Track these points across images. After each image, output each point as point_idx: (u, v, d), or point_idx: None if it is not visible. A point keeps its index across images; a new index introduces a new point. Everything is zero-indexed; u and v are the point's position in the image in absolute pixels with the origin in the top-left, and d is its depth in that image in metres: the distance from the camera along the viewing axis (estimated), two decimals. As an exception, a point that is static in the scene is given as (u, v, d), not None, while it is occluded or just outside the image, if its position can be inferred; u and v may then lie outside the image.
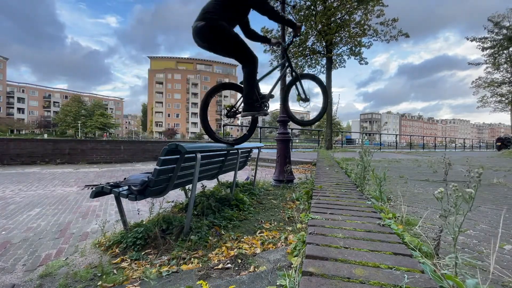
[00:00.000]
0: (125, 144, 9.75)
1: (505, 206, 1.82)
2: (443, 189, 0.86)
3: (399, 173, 3.67)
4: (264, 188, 3.65)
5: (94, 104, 64.77)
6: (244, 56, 2.66)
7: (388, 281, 0.74)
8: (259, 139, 13.56)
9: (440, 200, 0.86)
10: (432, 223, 1.46)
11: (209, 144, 2.33)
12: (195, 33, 2.62)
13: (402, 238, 1.09)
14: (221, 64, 79.29)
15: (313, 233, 1.12)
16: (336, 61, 12.96)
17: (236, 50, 2.64)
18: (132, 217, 2.56)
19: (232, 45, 2.63)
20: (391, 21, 11.69)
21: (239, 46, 2.65)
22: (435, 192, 0.87)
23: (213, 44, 2.66)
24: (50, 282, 1.41)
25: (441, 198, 0.85)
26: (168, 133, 61.00)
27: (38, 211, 2.99)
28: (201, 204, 2.35)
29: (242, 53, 2.66)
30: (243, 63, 2.69)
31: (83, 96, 74.12)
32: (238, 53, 2.66)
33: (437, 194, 0.86)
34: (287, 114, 3.47)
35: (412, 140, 25.58)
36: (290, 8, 11.76)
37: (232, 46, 2.64)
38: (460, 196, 0.80)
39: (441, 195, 0.85)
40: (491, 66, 19.26)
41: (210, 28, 2.51)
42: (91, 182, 5.05)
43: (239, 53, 2.66)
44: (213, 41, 2.62)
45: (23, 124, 62.03)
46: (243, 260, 1.42)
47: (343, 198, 1.80)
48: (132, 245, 1.74)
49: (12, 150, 7.96)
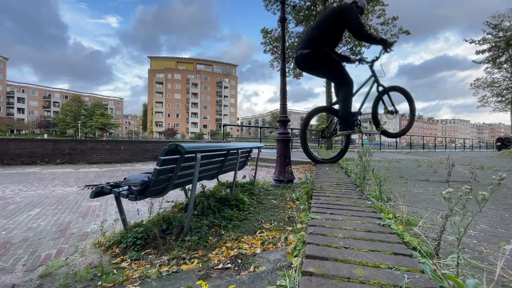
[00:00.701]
0: (125, 144, 9.75)
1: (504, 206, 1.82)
2: (451, 190, 0.86)
3: (399, 173, 3.67)
4: (264, 188, 3.65)
5: (94, 104, 64.80)
6: (342, 78, 3.02)
7: (388, 281, 0.74)
8: (259, 139, 13.55)
9: (448, 201, 0.85)
10: (432, 223, 1.46)
11: (209, 144, 2.33)
12: (300, 60, 3.03)
13: (402, 238, 1.09)
14: (221, 64, 79.30)
15: (313, 233, 1.12)
16: (336, 61, 12.95)
17: (336, 73, 3.02)
18: (132, 217, 2.56)
19: (333, 69, 3.01)
20: (391, 19, 11.69)
21: (338, 69, 3.03)
22: (443, 192, 0.86)
23: (316, 68, 3.07)
24: (50, 282, 1.41)
25: (449, 198, 0.85)
26: (168, 133, 60.98)
27: (38, 211, 2.99)
28: (201, 204, 2.35)
29: (341, 76, 3.02)
30: (341, 84, 3.05)
31: (83, 96, 74.16)
32: (338, 75, 3.03)
33: (445, 195, 0.86)
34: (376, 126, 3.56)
35: (412, 140, 25.57)
36: (290, 8, 11.76)
37: (334, 69, 3.01)
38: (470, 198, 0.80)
39: (449, 195, 0.85)
40: (491, 66, 19.22)
41: (314, 54, 2.91)
42: (91, 182, 5.05)
43: (339, 75, 3.03)
44: (317, 65, 3.01)
45: (23, 124, 62.03)
46: (243, 260, 1.42)
47: (343, 198, 1.79)
48: (132, 245, 1.75)
49: (12, 150, 7.96)
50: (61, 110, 63.09)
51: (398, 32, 11.80)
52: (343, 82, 3.04)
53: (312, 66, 3.02)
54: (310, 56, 2.90)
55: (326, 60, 2.93)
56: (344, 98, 3.05)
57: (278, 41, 12.68)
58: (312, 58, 2.92)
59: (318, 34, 2.96)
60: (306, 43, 2.98)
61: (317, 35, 2.96)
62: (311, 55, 2.90)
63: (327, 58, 2.93)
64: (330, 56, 2.94)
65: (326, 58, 2.93)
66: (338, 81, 3.07)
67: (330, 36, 2.98)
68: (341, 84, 3.06)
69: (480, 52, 18.53)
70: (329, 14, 3.02)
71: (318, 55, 2.91)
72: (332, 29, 2.94)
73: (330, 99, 12.20)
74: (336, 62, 2.99)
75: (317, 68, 3.04)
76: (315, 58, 2.92)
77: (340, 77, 3.04)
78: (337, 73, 3.03)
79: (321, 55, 2.91)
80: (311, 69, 3.06)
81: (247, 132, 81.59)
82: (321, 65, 2.98)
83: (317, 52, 2.90)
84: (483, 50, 18.45)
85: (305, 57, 2.93)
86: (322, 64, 2.97)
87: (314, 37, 2.96)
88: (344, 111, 3.07)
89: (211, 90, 74.31)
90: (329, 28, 2.94)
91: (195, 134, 67.83)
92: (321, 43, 2.93)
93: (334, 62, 2.97)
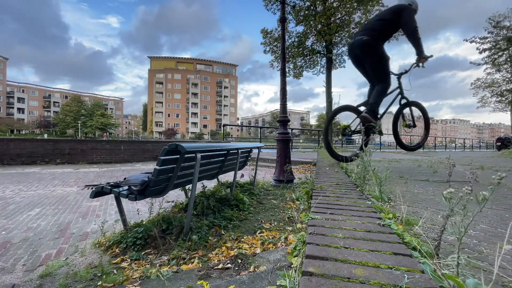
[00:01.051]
0: (125, 144, 9.75)
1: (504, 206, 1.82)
2: (452, 190, 0.86)
3: (399, 173, 3.67)
4: (264, 188, 3.65)
5: (94, 104, 64.81)
6: (384, 74, 3.19)
7: (388, 281, 0.74)
8: (259, 139, 13.54)
9: (449, 201, 0.85)
10: (432, 223, 1.46)
11: (209, 144, 2.33)
12: (357, 45, 3.16)
13: (402, 238, 1.09)
14: (221, 64, 79.32)
15: (313, 233, 1.12)
16: (336, 61, 12.95)
17: (382, 67, 3.17)
18: (132, 217, 2.56)
19: (381, 63, 3.18)
20: None
21: (385, 65, 3.20)
22: (444, 193, 0.86)
23: (369, 56, 3.17)
24: (50, 282, 1.41)
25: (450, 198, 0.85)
26: (168, 133, 60.98)
27: (38, 211, 2.99)
28: (201, 204, 2.35)
29: (384, 71, 3.18)
30: (381, 79, 3.20)
31: (83, 96, 74.17)
32: (382, 70, 3.19)
33: (446, 195, 0.86)
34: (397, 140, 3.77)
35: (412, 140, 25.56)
36: (290, 8, 11.76)
37: (381, 63, 3.18)
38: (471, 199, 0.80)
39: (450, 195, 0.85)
40: (491, 66, 19.21)
41: (371, 43, 3.06)
42: (91, 182, 5.05)
43: (383, 70, 3.19)
44: (369, 55, 3.14)
45: (23, 124, 62.02)
46: (243, 260, 1.42)
47: (343, 198, 1.80)
48: (132, 245, 1.75)
49: (12, 150, 7.96)
50: (61, 110, 63.09)
51: (398, 32, 11.78)
52: (384, 79, 3.20)
53: (368, 53, 3.14)
54: (369, 43, 3.06)
55: (380, 52, 3.11)
56: (379, 92, 3.20)
57: (278, 41, 12.68)
58: (370, 46, 3.07)
59: (381, 25, 3.13)
60: (368, 31, 3.13)
61: (380, 26, 3.13)
62: (370, 42, 3.05)
63: (382, 51, 3.12)
64: (383, 50, 3.14)
65: (381, 50, 3.12)
66: (381, 76, 3.21)
67: (387, 31, 3.16)
68: (381, 81, 3.22)
69: (482, 50, 18.52)
70: (389, 12, 3.19)
71: (377, 45, 3.09)
72: (389, 26, 3.14)
73: (330, 99, 12.20)
74: (387, 58, 3.18)
75: (371, 56, 3.17)
76: (373, 47, 3.08)
77: (384, 73, 3.21)
78: (383, 69, 3.18)
79: (379, 46, 3.10)
80: (365, 57, 3.18)
81: (247, 132, 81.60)
82: (375, 55, 3.13)
83: (376, 41, 3.08)
84: (485, 49, 18.45)
85: (364, 43, 3.06)
86: (376, 54, 3.12)
87: (377, 28, 3.12)
88: (374, 104, 3.22)
89: (211, 90, 74.31)
90: (388, 23, 3.13)
91: (195, 134, 67.83)
92: (381, 35, 3.12)
93: (386, 56, 3.16)
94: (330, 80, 12.42)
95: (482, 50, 18.55)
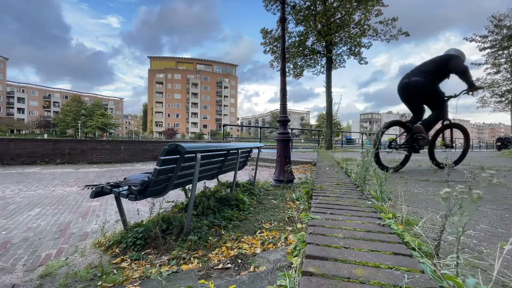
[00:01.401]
0: (125, 144, 9.75)
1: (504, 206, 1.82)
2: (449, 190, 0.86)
3: (399, 173, 3.67)
4: (264, 188, 3.65)
5: (93, 104, 64.84)
6: (440, 107, 3.71)
7: (388, 281, 0.74)
8: (259, 139, 13.55)
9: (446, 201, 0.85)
10: (432, 223, 1.46)
11: (209, 144, 2.33)
12: (410, 86, 3.62)
13: (402, 238, 1.09)
14: (221, 64, 79.32)
15: (313, 233, 1.12)
16: (336, 61, 12.96)
17: (438, 103, 3.69)
18: (132, 217, 2.56)
19: (438, 100, 3.67)
20: (390, 20, 11.68)
21: (442, 102, 3.69)
22: (441, 192, 0.86)
23: (422, 97, 3.64)
24: (50, 282, 1.41)
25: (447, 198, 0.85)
26: (168, 133, 60.99)
27: (38, 211, 2.99)
28: (201, 204, 2.35)
29: (440, 106, 3.70)
30: (437, 110, 3.72)
31: (83, 96, 74.18)
32: (439, 105, 3.69)
33: (443, 195, 0.86)
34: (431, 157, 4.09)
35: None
36: (290, 8, 11.76)
37: (438, 101, 3.68)
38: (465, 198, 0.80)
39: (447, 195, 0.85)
40: (491, 66, 19.21)
41: (425, 84, 3.54)
42: (91, 182, 5.05)
43: (440, 106, 3.69)
44: (424, 95, 3.61)
45: (23, 124, 62.04)
46: (243, 260, 1.42)
47: (343, 198, 1.80)
48: (132, 245, 1.74)
49: (12, 150, 7.96)
50: (61, 110, 63.11)
51: (398, 33, 11.80)
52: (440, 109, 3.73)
53: (416, 95, 3.65)
54: (422, 86, 3.56)
55: (437, 90, 3.64)
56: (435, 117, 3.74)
57: (278, 41, 12.68)
58: (422, 88, 3.56)
59: (433, 68, 3.61)
60: (419, 73, 3.64)
61: (433, 69, 3.61)
62: (423, 85, 3.55)
63: (437, 89, 3.65)
64: (439, 89, 3.67)
65: (437, 89, 3.64)
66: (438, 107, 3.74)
67: (439, 74, 3.63)
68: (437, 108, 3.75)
69: (483, 49, 18.51)
70: (440, 59, 3.70)
71: (434, 85, 3.60)
72: (440, 70, 3.62)
73: (330, 99, 12.21)
74: (443, 96, 3.71)
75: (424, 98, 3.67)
76: (426, 88, 3.57)
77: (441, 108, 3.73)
78: (440, 105, 3.72)
79: (435, 85, 3.63)
80: (419, 95, 3.65)
81: (247, 132, 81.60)
82: (430, 96, 3.64)
83: (432, 82, 3.59)
84: (485, 47, 18.44)
85: (420, 84, 3.56)
86: (433, 93, 3.62)
87: (430, 70, 3.60)
88: (428, 124, 3.73)
89: (211, 90, 74.31)
90: (438, 68, 3.62)
91: (195, 134, 67.82)
92: (435, 77, 3.60)
93: (441, 93, 3.70)
94: (330, 80, 12.42)
95: (482, 48, 18.55)
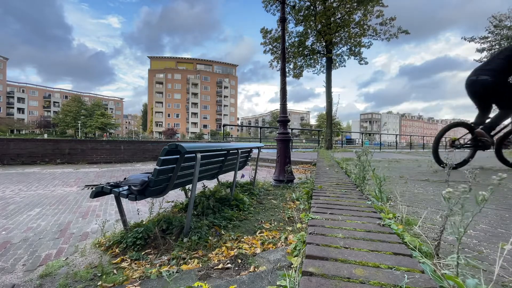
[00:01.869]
0: (125, 144, 9.75)
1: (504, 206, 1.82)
2: (451, 189, 0.86)
3: (399, 173, 3.67)
4: (264, 188, 3.65)
5: (93, 104, 64.86)
6: (508, 107, 3.54)
7: (388, 281, 0.74)
8: (259, 139, 13.55)
9: (448, 201, 0.85)
10: (432, 223, 1.46)
11: (209, 144, 2.33)
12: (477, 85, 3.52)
13: (402, 238, 1.09)
14: (221, 64, 79.30)
15: (313, 233, 1.12)
16: (336, 61, 12.96)
17: (507, 103, 3.51)
18: (132, 217, 2.56)
19: (507, 101, 3.50)
20: (389, 20, 11.68)
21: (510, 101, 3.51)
22: (443, 192, 0.86)
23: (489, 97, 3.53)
24: (50, 282, 1.41)
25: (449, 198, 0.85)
26: (168, 133, 60.99)
27: (38, 211, 2.99)
28: (201, 204, 2.35)
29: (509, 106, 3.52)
30: (504, 107, 3.58)
31: (83, 96, 74.18)
32: (507, 105, 3.52)
33: (445, 195, 0.86)
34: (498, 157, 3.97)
35: (412, 140, 25.56)
36: (290, 8, 11.76)
37: (507, 101, 3.50)
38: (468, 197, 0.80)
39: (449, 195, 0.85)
40: None
41: (493, 84, 3.39)
42: (91, 182, 5.05)
43: (508, 106, 3.52)
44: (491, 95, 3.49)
45: (23, 124, 62.04)
46: (243, 260, 1.42)
47: (343, 198, 1.80)
48: (132, 245, 1.75)
49: (12, 150, 7.96)
50: (61, 110, 63.11)
51: (398, 31, 11.79)
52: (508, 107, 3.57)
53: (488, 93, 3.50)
54: (490, 84, 3.41)
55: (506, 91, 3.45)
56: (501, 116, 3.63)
57: (277, 41, 12.68)
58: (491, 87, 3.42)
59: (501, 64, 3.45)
60: (489, 71, 3.48)
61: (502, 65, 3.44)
62: (493, 84, 3.40)
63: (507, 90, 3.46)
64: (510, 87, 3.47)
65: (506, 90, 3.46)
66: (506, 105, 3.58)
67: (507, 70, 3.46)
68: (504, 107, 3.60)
69: (482, 50, 18.49)
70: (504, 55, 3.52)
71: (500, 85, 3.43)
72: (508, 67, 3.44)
73: (330, 99, 12.21)
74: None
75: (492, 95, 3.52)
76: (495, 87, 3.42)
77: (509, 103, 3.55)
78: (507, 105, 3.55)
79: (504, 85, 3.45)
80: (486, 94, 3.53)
81: (247, 132, 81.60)
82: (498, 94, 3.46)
83: (500, 82, 3.42)
84: (484, 48, 18.42)
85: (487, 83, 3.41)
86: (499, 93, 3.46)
87: (498, 69, 3.45)
88: (494, 123, 3.65)
89: (211, 90, 74.29)
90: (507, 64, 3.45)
91: (195, 134, 67.82)
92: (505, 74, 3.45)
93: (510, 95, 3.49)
94: (330, 80, 12.42)
95: (481, 50, 18.53)
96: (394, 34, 11.86)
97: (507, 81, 3.47)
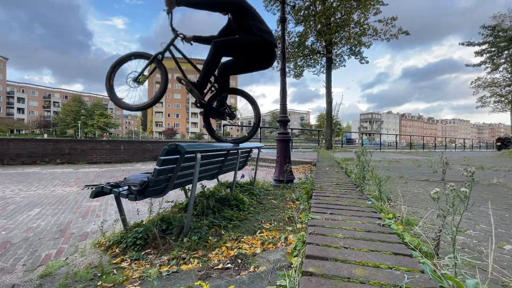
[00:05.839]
0: (125, 144, 9.75)
1: (504, 206, 1.82)
2: (438, 189, 0.86)
3: (399, 173, 3.67)
4: (264, 188, 3.65)
5: (93, 104, 64.85)
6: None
7: (388, 281, 0.74)
8: (259, 139, 13.55)
9: (437, 201, 0.86)
10: (432, 223, 1.46)
11: (209, 144, 2.33)
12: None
13: (402, 238, 1.09)
14: (221, 64, 79.21)
15: (313, 233, 1.12)
16: (336, 61, 12.96)
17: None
18: (132, 217, 2.56)
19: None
20: (390, 19, 11.68)
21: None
22: (431, 193, 0.87)
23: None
24: (50, 282, 1.40)
25: (438, 198, 0.85)
26: (168, 133, 60.96)
27: (38, 211, 2.99)
28: (201, 204, 2.35)
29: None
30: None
31: (83, 96, 74.11)
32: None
33: (433, 195, 0.86)
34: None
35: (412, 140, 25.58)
36: (290, 8, 11.76)
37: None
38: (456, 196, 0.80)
39: (437, 195, 0.85)
40: (490, 66, 19.17)
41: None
42: (91, 182, 5.05)
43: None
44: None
45: (23, 124, 62.05)
46: (243, 260, 1.42)
47: (343, 198, 1.80)
48: (132, 245, 1.74)
49: (12, 150, 7.95)
50: (61, 110, 63.09)
51: (398, 32, 11.79)
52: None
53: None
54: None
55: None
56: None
57: (277, 41, 12.69)
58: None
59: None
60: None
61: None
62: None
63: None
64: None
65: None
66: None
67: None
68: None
69: (479, 53, 18.51)
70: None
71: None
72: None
73: (330, 99, 12.21)
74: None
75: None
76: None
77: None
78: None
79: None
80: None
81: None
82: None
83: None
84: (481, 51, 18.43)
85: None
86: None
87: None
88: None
89: (211, 90, 74.23)
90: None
91: (195, 134, 67.81)
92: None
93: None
94: (330, 80, 12.42)
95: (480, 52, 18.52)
96: (394, 35, 11.85)
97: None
